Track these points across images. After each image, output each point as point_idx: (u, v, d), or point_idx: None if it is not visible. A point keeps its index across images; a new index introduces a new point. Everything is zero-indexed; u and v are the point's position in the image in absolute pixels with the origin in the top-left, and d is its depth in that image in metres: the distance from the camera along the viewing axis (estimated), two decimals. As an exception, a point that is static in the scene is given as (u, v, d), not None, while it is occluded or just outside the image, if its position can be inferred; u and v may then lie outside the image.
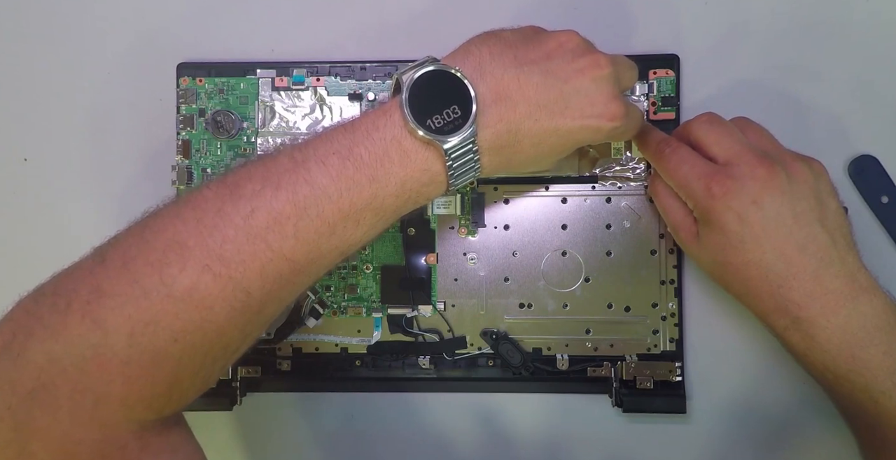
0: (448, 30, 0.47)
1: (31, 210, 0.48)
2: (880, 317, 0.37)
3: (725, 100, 0.46)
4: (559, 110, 0.35)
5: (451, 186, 0.35)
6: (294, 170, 0.33)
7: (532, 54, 0.35)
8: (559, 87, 0.34)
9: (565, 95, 0.35)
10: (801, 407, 0.45)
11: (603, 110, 0.35)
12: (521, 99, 0.34)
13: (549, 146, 0.36)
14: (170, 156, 0.47)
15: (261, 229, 0.32)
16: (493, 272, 0.46)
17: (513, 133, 0.35)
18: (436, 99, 0.33)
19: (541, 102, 0.34)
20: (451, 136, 0.33)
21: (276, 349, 0.46)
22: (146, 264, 0.32)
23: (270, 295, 0.33)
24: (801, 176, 0.38)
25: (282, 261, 0.33)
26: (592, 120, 0.35)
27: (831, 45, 0.46)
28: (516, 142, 0.35)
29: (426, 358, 0.46)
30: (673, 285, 0.45)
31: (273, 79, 0.46)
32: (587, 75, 0.35)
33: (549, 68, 0.35)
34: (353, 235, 0.34)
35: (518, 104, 0.34)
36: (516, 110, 0.34)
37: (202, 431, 0.47)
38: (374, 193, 0.33)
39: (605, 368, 0.45)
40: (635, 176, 0.45)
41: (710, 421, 0.46)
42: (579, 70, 0.35)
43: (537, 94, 0.34)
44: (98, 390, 0.31)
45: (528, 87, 0.34)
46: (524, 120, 0.34)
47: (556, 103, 0.34)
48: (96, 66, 0.48)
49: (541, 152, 0.36)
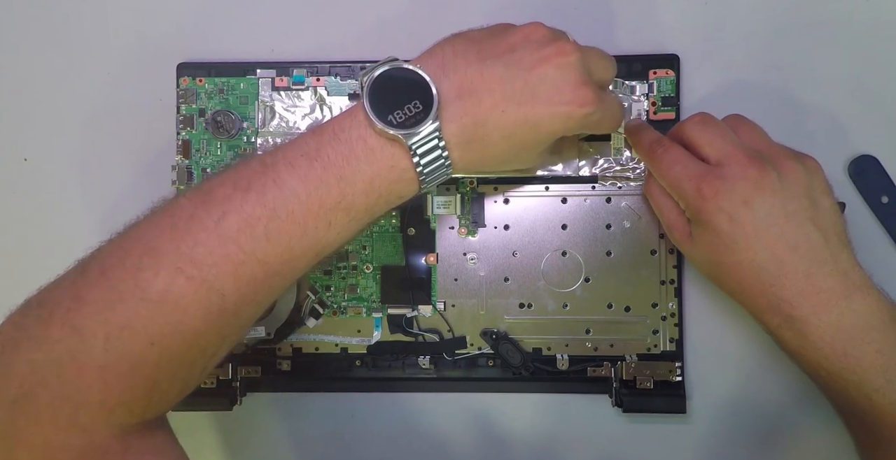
0: (448, 30, 0.47)
1: (31, 210, 0.48)
2: (873, 315, 0.37)
3: (725, 100, 0.46)
4: (526, 100, 0.34)
5: (424, 184, 0.35)
6: (263, 173, 0.34)
7: (496, 48, 0.35)
8: (523, 77, 0.34)
9: (531, 85, 0.34)
10: (800, 406, 0.45)
11: (571, 96, 0.34)
12: (486, 92, 0.34)
13: (521, 137, 0.35)
14: (170, 156, 0.47)
15: (232, 232, 0.33)
16: (493, 272, 0.46)
17: (480, 126, 0.34)
18: (397, 96, 0.34)
19: (506, 94, 0.34)
20: (412, 130, 0.33)
21: (276, 349, 0.46)
22: (123, 271, 0.32)
23: (245, 297, 0.34)
24: (792, 175, 0.38)
25: (255, 263, 0.33)
26: (562, 107, 0.34)
27: (831, 45, 0.46)
28: (486, 136, 0.35)
29: (426, 358, 0.46)
30: (673, 285, 0.45)
31: (273, 79, 0.46)
32: (552, 62, 0.34)
33: (513, 59, 0.35)
34: (326, 236, 0.34)
35: (483, 97, 0.34)
36: (482, 103, 0.34)
37: (202, 431, 0.47)
38: (343, 192, 0.34)
39: (605, 368, 0.45)
40: (635, 176, 0.45)
41: (709, 421, 0.46)
42: (543, 58, 0.35)
43: (502, 85, 0.34)
44: (77, 396, 0.31)
45: (492, 79, 0.34)
46: (491, 112, 0.34)
47: (523, 93, 0.34)
48: (96, 66, 0.48)
49: (514, 144, 0.36)
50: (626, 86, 0.45)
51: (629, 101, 0.45)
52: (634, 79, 0.45)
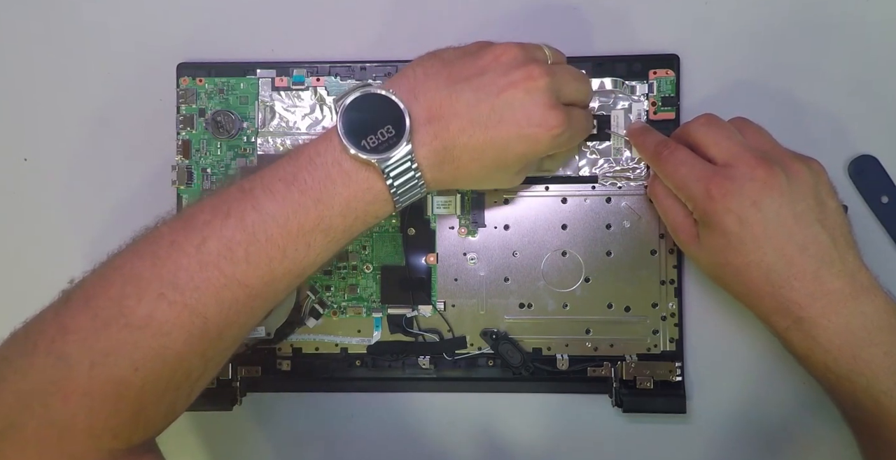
0: (448, 29, 0.47)
1: (31, 210, 0.48)
2: (881, 317, 0.37)
3: (725, 100, 0.46)
4: (493, 124, 0.35)
5: (399, 204, 0.36)
6: (242, 198, 0.35)
7: (466, 71, 0.36)
8: (490, 102, 0.35)
9: (498, 109, 0.35)
10: (800, 407, 0.45)
11: (539, 120, 0.35)
12: (454, 116, 0.35)
13: (491, 160, 0.36)
14: (170, 156, 0.47)
15: (213, 256, 0.33)
16: (493, 272, 0.46)
17: (449, 149, 0.35)
18: (370, 121, 0.34)
19: (473, 118, 0.35)
20: (385, 155, 0.34)
21: (276, 349, 0.46)
22: (106, 298, 0.33)
23: (228, 320, 0.34)
24: (800, 176, 0.38)
25: (236, 287, 0.34)
26: (529, 130, 0.35)
27: (831, 45, 0.46)
28: (455, 158, 0.36)
29: (426, 358, 0.46)
30: (673, 285, 0.45)
31: (273, 79, 0.46)
32: (520, 87, 0.35)
33: (482, 83, 0.35)
34: (306, 257, 0.35)
35: (451, 122, 0.35)
36: (449, 128, 0.35)
37: (202, 431, 0.47)
38: (321, 215, 0.35)
39: (605, 368, 0.45)
40: (635, 176, 0.45)
41: (710, 421, 0.46)
42: (512, 83, 0.35)
43: (469, 110, 0.35)
44: (62, 423, 0.32)
45: (460, 104, 0.35)
46: (458, 136, 0.35)
47: (490, 117, 0.35)
48: (96, 66, 0.48)
49: (484, 167, 0.36)
50: (626, 86, 0.45)
51: (629, 101, 0.45)
52: (634, 79, 0.45)
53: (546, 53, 0.38)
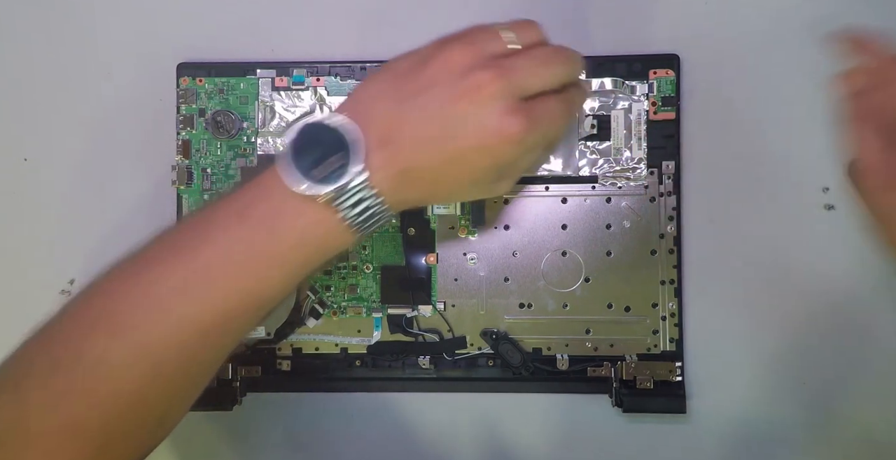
0: (449, 29, 0.47)
1: (31, 210, 0.48)
2: None
3: (725, 100, 0.46)
4: (447, 141, 0.33)
5: (362, 232, 0.34)
6: (194, 235, 0.34)
7: (415, 84, 0.33)
8: (440, 118, 0.32)
9: (449, 125, 0.32)
10: (800, 407, 0.45)
11: (494, 130, 0.32)
12: (405, 138, 0.33)
13: (455, 177, 0.34)
14: (170, 156, 0.47)
15: (165, 294, 0.33)
16: (493, 272, 0.46)
17: (407, 172, 0.33)
18: (320, 150, 0.33)
19: (426, 138, 0.33)
20: (335, 185, 0.32)
21: (276, 349, 0.46)
22: (63, 339, 0.33)
23: (184, 358, 0.34)
24: None
25: (189, 325, 0.33)
26: (486, 141, 0.32)
27: (832, 45, 0.46)
28: (417, 179, 0.33)
29: (426, 359, 0.46)
30: (673, 285, 0.45)
31: (273, 79, 0.46)
32: (468, 99, 0.32)
33: (429, 99, 0.33)
34: (262, 293, 0.34)
35: (403, 144, 0.33)
36: (403, 150, 0.33)
37: (202, 431, 0.47)
38: (275, 250, 0.33)
39: (605, 368, 0.45)
40: (635, 176, 0.45)
41: (710, 421, 0.46)
42: (459, 95, 0.32)
43: (420, 129, 0.33)
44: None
45: (410, 124, 0.33)
46: (414, 158, 0.33)
47: (442, 135, 0.33)
48: (96, 66, 0.48)
49: (451, 184, 0.34)
50: (626, 86, 0.45)
51: (629, 101, 0.45)
52: (634, 79, 0.45)
53: (505, 40, 0.34)
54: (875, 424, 0.45)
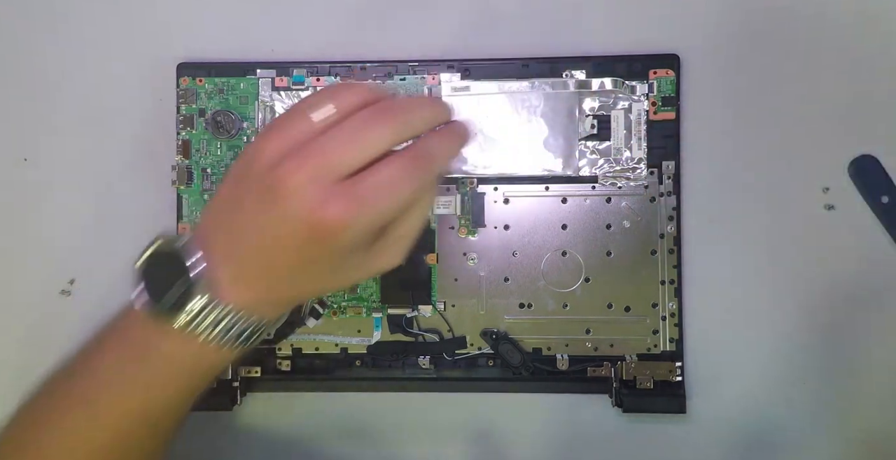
0: (448, 29, 0.47)
1: (31, 210, 0.48)
2: None
3: (725, 100, 0.46)
4: (279, 242, 0.31)
5: (237, 347, 0.34)
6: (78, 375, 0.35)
7: (241, 190, 0.32)
8: (266, 222, 0.31)
9: (274, 226, 0.31)
10: (800, 407, 0.45)
11: (314, 221, 0.30)
12: (245, 250, 0.32)
13: (311, 272, 0.32)
14: (170, 156, 0.47)
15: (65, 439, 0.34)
16: (493, 272, 0.46)
17: (257, 282, 0.32)
18: (166, 275, 0.32)
19: (260, 245, 0.31)
20: (181, 311, 0.32)
21: (276, 349, 0.46)
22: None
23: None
24: None
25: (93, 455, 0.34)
26: (313, 234, 0.30)
27: (832, 45, 0.46)
28: (273, 288, 0.33)
29: (426, 359, 0.46)
30: (673, 285, 0.45)
31: (273, 79, 0.46)
32: (280, 195, 0.30)
33: (252, 204, 0.31)
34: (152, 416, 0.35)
35: (245, 257, 0.32)
36: (246, 263, 0.32)
37: (202, 431, 0.47)
38: (149, 377, 0.34)
39: (605, 368, 0.45)
40: (635, 176, 0.45)
41: (710, 421, 0.46)
42: (273, 194, 0.30)
43: (252, 239, 0.31)
44: None
45: (244, 235, 0.32)
46: (258, 268, 0.32)
47: (273, 238, 0.31)
48: (96, 66, 0.48)
49: (312, 278, 0.33)
50: (626, 86, 0.45)
51: (629, 101, 0.45)
52: (634, 79, 0.45)
53: (315, 119, 0.31)
54: (875, 424, 0.45)
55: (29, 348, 0.47)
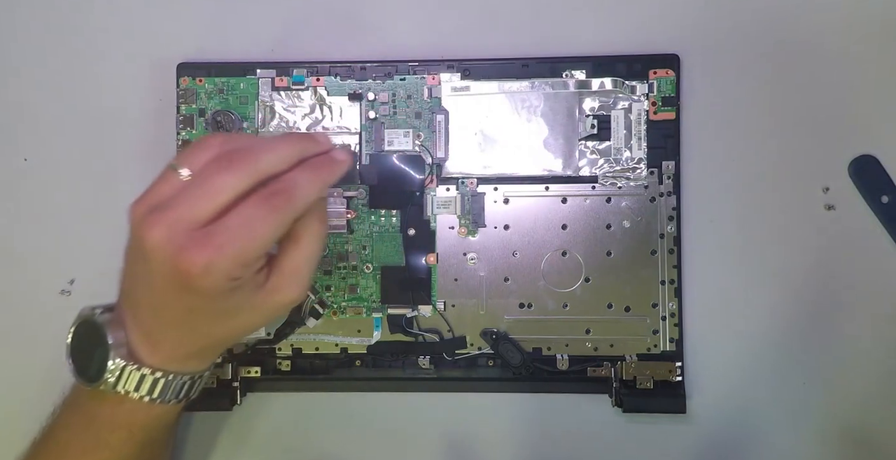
0: (448, 29, 0.47)
1: (31, 210, 0.48)
2: None
3: (725, 100, 0.46)
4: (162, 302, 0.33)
5: (182, 400, 0.37)
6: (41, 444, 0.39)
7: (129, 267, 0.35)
8: (146, 287, 0.34)
9: (151, 288, 0.33)
10: (800, 407, 0.45)
11: (177, 274, 0.31)
12: (141, 319, 0.35)
13: (209, 326, 0.35)
14: (170, 156, 0.46)
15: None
16: (493, 272, 0.46)
17: (169, 346, 0.35)
18: (90, 349, 0.35)
19: (156, 307, 0.34)
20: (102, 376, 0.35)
21: (276, 349, 0.46)
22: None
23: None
24: None
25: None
26: (184, 286, 0.32)
27: (832, 45, 0.46)
28: (182, 344, 0.35)
29: (426, 359, 0.46)
30: (673, 285, 0.45)
31: (273, 79, 0.46)
32: (144, 255, 0.32)
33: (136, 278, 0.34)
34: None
35: (145, 326, 0.35)
36: (147, 330, 0.35)
37: (202, 431, 0.47)
38: (100, 434, 0.37)
39: (605, 368, 0.45)
40: (635, 176, 0.45)
41: (710, 421, 0.46)
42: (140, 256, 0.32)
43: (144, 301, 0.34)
44: None
45: (138, 306, 0.35)
46: (160, 332, 0.35)
47: (157, 300, 0.34)
48: (96, 66, 0.48)
49: (221, 330, 0.35)
50: (626, 86, 0.45)
51: (629, 101, 0.45)
52: (634, 79, 0.45)
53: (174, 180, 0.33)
54: (875, 424, 0.45)
55: (29, 348, 0.47)
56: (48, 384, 0.40)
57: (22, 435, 0.40)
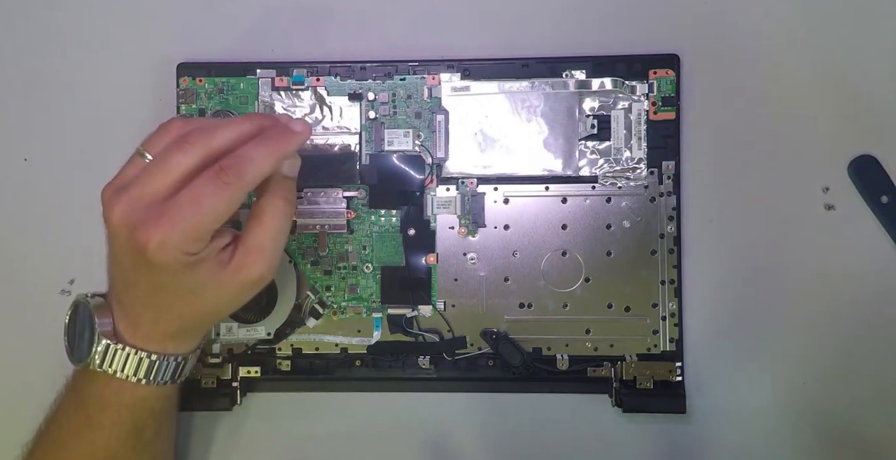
0: (448, 29, 0.47)
1: (31, 210, 0.48)
2: None
3: (725, 100, 0.46)
4: (131, 281, 0.35)
5: (170, 382, 0.38)
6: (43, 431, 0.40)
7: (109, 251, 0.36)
8: (119, 268, 0.36)
9: (122, 268, 0.35)
10: (800, 407, 0.45)
11: (135, 249, 0.33)
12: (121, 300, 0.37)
13: (179, 304, 0.36)
14: (170, 156, 0.47)
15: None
16: (493, 272, 0.46)
17: (147, 325, 0.37)
18: (81, 332, 0.37)
19: (125, 292, 0.36)
20: (90, 355, 0.36)
21: (276, 349, 0.46)
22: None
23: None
24: None
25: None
26: (144, 261, 0.33)
27: (832, 45, 0.46)
28: (159, 322, 0.37)
29: (426, 359, 0.46)
30: (673, 285, 0.45)
31: (273, 79, 0.46)
32: (112, 235, 0.34)
33: (112, 260, 0.36)
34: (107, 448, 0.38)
35: (125, 307, 0.37)
36: (127, 311, 0.37)
37: (202, 431, 0.47)
38: (90, 414, 0.38)
39: (605, 368, 0.45)
40: (635, 176, 0.45)
41: (710, 421, 0.46)
42: (111, 243, 0.35)
43: (120, 289, 0.36)
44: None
45: (118, 288, 0.37)
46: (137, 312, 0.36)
47: (129, 279, 0.35)
48: (96, 66, 0.48)
49: (188, 305, 0.36)
50: (626, 86, 0.45)
51: (629, 101, 0.45)
52: (634, 79, 0.45)
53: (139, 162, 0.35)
54: (875, 424, 0.45)
55: (29, 348, 0.47)
56: (48, 384, 0.40)
57: (22, 434, 0.40)
